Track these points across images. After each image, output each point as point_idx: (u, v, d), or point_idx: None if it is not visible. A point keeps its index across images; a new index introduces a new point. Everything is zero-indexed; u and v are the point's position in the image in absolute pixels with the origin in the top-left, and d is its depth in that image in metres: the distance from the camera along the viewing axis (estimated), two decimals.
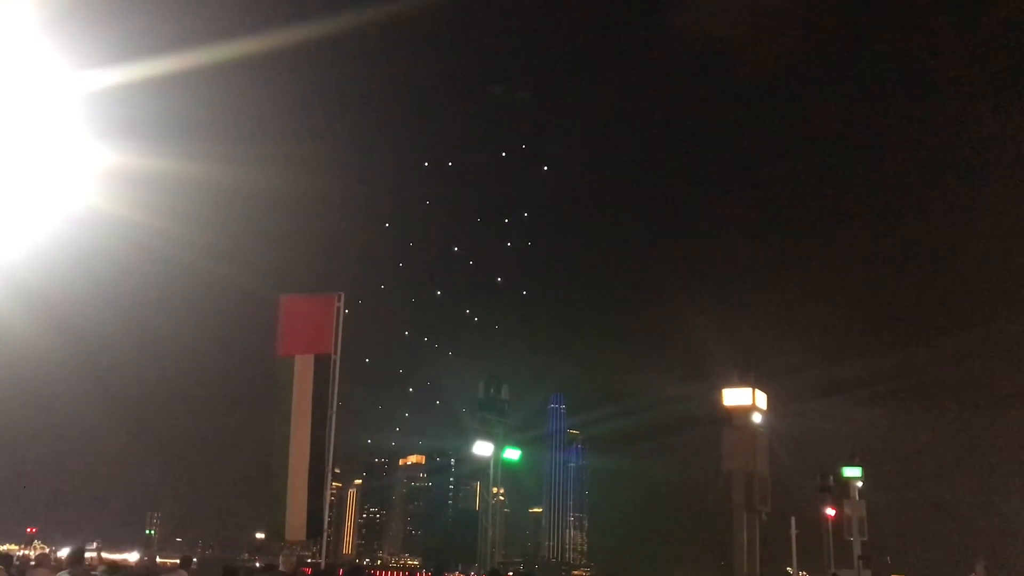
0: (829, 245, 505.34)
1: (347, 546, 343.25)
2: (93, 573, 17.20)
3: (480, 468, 38.23)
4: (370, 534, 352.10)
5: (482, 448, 34.58)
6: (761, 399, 39.96)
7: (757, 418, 39.31)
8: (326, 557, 27.84)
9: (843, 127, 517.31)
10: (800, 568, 43.65)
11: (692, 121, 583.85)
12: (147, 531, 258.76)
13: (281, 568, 14.69)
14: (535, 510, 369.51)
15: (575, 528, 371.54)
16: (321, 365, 21.72)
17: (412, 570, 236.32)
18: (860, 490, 46.40)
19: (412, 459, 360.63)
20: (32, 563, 15.43)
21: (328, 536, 23.89)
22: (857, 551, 43.85)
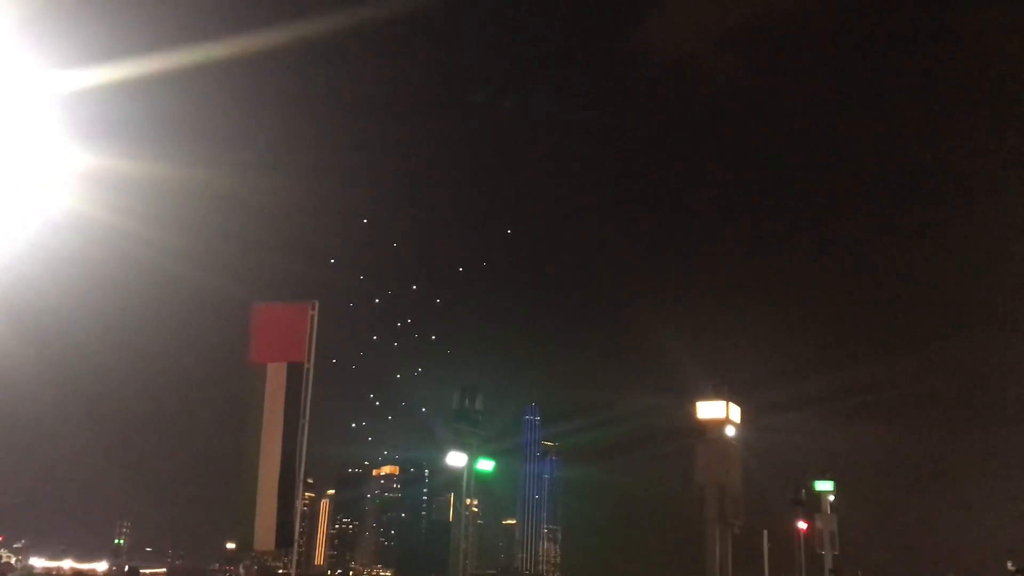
0: (802, 259, 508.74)
1: (319, 557, 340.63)
2: (10, 575, 16.89)
3: (454, 479, 38.13)
4: (342, 545, 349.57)
5: (456, 459, 34.48)
6: (735, 412, 40.06)
7: (731, 431, 39.38)
8: (297, 568, 27.67)
9: (818, 142, 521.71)
10: None
11: (665, 136, 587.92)
12: (116, 540, 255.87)
13: None
14: (509, 522, 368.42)
15: (548, 540, 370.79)
16: (294, 374, 21.59)
17: None
18: (832, 504, 46.64)
19: (386, 470, 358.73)
20: None
21: (300, 547, 23.74)
22: (828, 564, 44.04)
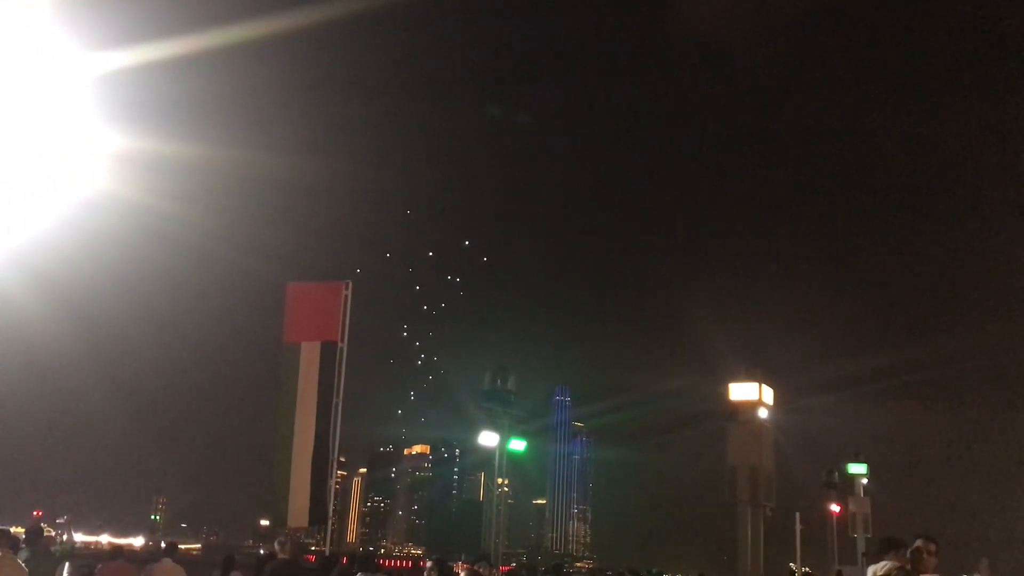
0: (837, 240, 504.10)
1: (351, 534, 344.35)
2: (53, 549, 17.02)
3: (484, 459, 38.16)
4: (374, 523, 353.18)
5: (488, 438, 34.53)
6: (768, 394, 39.75)
7: (763, 413, 39.10)
8: (330, 545, 27.90)
9: (848, 123, 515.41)
10: (803, 564, 43.43)
11: (697, 117, 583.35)
12: (152, 516, 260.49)
13: (280, 555, 14.60)
14: (539, 502, 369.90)
15: (578, 520, 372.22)
16: (327, 352, 21.66)
17: (416, 559, 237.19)
18: (865, 487, 46.23)
19: (417, 449, 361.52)
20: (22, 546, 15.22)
21: (333, 524, 23.92)
22: (861, 548, 43.68)
